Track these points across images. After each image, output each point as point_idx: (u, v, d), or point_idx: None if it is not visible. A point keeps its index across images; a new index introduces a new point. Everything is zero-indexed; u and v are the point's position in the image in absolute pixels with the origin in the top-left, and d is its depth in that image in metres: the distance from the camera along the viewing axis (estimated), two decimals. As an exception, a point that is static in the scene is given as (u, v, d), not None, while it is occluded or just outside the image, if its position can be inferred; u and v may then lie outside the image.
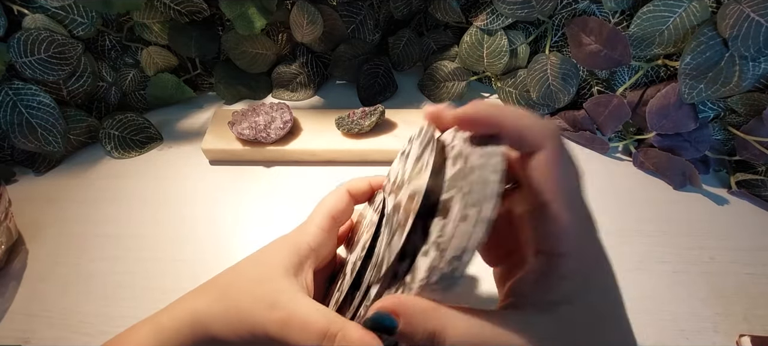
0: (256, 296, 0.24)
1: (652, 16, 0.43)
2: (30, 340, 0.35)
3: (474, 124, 0.21)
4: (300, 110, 0.53)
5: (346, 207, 0.30)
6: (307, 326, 0.22)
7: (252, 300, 0.24)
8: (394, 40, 0.58)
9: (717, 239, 0.42)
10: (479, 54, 0.53)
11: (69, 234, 0.43)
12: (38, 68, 0.45)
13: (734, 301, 0.37)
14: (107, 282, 0.39)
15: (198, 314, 0.25)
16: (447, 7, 0.53)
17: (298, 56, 0.57)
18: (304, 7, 0.49)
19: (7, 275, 0.39)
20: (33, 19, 0.45)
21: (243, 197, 0.46)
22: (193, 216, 0.44)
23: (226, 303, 0.24)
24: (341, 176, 0.48)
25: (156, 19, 0.51)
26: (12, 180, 0.48)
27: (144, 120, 0.52)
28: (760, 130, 0.42)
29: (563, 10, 0.49)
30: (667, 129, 0.45)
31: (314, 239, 0.27)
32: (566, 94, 0.50)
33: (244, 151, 0.48)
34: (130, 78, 0.54)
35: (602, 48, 0.45)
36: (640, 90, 0.47)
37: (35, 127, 0.46)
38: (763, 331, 0.35)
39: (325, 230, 0.28)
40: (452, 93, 0.55)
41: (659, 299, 0.37)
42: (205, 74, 0.58)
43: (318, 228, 0.28)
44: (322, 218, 0.28)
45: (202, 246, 0.42)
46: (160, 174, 0.49)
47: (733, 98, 0.44)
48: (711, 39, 0.40)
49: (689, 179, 0.45)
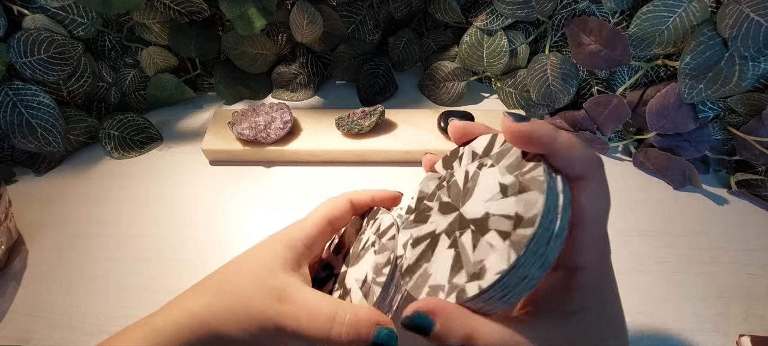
0: (262, 290, 0.24)
1: (652, 16, 0.43)
2: (30, 340, 0.35)
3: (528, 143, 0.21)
4: (300, 110, 0.53)
5: (344, 214, 0.30)
6: (316, 312, 0.24)
7: (258, 294, 0.24)
8: (394, 40, 0.58)
9: (717, 239, 0.42)
10: (479, 54, 0.53)
11: (69, 234, 0.43)
12: (38, 68, 0.45)
13: (734, 301, 0.37)
14: (107, 282, 0.39)
15: (197, 314, 0.24)
16: (447, 7, 0.53)
17: (298, 56, 0.57)
18: (304, 7, 0.49)
19: (7, 275, 0.39)
20: (33, 19, 0.45)
21: (243, 197, 0.46)
22: (193, 216, 0.44)
23: (228, 299, 0.24)
24: (341, 176, 0.48)
25: (156, 20, 0.51)
26: (12, 180, 0.48)
27: (144, 120, 0.52)
28: (760, 130, 0.42)
29: (563, 10, 0.49)
30: (667, 129, 0.45)
31: (311, 239, 0.28)
32: (566, 95, 0.50)
33: (244, 151, 0.48)
34: (130, 78, 0.54)
35: (602, 48, 0.45)
36: (640, 90, 0.47)
37: (35, 128, 0.46)
38: (763, 331, 0.35)
39: (319, 230, 0.28)
40: (452, 93, 0.55)
41: (659, 299, 0.37)
42: (205, 74, 0.58)
43: (313, 227, 0.28)
44: (320, 218, 0.29)
45: (202, 246, 0.42)
46: (160, 174, 0.49)
47: (732, 98, 0.44)
48: (711, 39, 0.40)
49: (689, 179, 0.45)
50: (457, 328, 0.20)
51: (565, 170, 0.21)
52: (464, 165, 0.26)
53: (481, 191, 0.23)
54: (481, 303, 0.20)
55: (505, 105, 0.55)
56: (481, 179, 0.24)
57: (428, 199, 0.27)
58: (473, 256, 0.21)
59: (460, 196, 0.25)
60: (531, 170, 0.21)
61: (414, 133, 0.49)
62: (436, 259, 0.24)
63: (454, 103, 0.55)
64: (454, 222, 0.24)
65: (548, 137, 0.20)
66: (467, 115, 0.49)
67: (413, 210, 0.28)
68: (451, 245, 0.23)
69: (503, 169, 0.23)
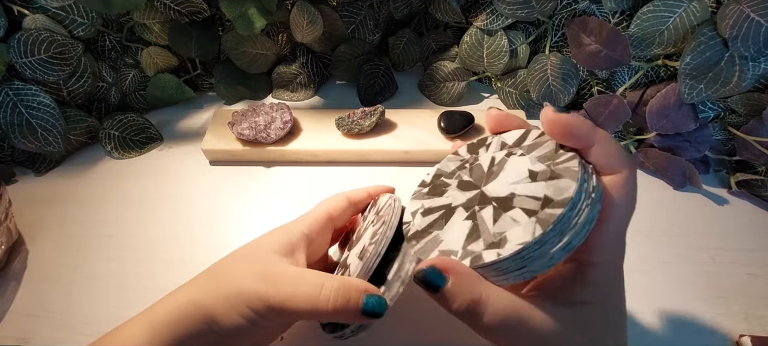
0: (254, 274, 0.25)
1: (652, 16, 0.43)
2: (30, 340, 0.35)
3: (566, 136, 0.22)
4: (300, 110, 0.53)
5: (343, 211, 0.31)
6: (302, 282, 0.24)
7: (251, 279, 0.25)
8: (394, 41, 0.58)
9: (717, 239, 0.42)
10: (479, 54, 0.53)
11: (69, 234, 0.43)
12: (38, 69, 0.45)
13: (734, 301, 0.37)
14: (108, 282, 0.39)
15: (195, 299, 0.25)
16: (447, 7, 0.53)
17: (298, 56, 0.57)
18: (304, 7, 0.49)
19: (7, 275, 0.39)
20: (33, 19, 0.45)
21: (243, 197, 0.46)
22: (193, 216, 0.44)
23: (223, 285, 0.25)
24: (341, 176, 0.48)
25: (156, 20, 0.51)
26: (12, 180, 0.48)
27: (144, 120, 0.52)
28: (760, 130, 0.42)
29: (563, 10, 0.49)
30: (667, 129, 0.45)
31: (307, 226, 0.28)
32: (566, 95, 0.50)
33: (244, 151, 0.48)
34: (130, 78, 0.54)
35: (602, 48, 0.45)
36: (640, 90, 0.47)
37: (35, 128, 0.46)
38: (763, 331, 0.35)
39: (319, 222, 0.29)
40: (452, 93, 0.55)
41: (659, 299, 0.37)
42: (205, 74, 0.58)
43: (313, 218, 0.29)
44: (320, 212, 0.30)
45: (202, 246, 0.42)
46: (160, 174, 0.49)
47: (733, 98, 0.44)
48: (711, 39, 0.40)
49: (689, 179, 0.45)
50: (468, 290, 0.20)
51: (600, 166, 0.21)
52: (491, 152, 0.26)
53: (507, 175, 0.23)
54: (494, 273, 0.21)
55: (505, 105, 0.55)
56: (509, 165, 0.24)
57: (446, 176, 0.27)
58: (493, 228, 0.21)
59: (483, 177, 0.25)
60: (566, 161, 0.21)
61: (414, 133, 0.49)
62: (449, 227, 0.24)
63: (454, 103, 0.55)
64: (473, 198, 0.24)
65: (588, 131, 0.21)
66: (468, 115, 0.49)
67: (427, 184, 0.28)
68: (469, 217, 0.23)
69: (534, 159, 0.23)
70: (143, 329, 0.24)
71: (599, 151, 0.21)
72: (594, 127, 0.21)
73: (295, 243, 0.27)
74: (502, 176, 0.24)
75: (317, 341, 0.34)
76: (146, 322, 0.24)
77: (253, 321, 0.24)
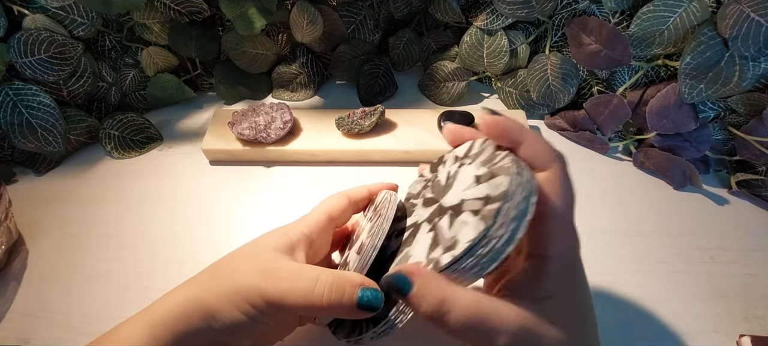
0: (253, 271, 0.25)
1: (652, 16, 0.43)
2: (30, 340, 0.35)
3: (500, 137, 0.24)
4: (300, 110, 0.53)
5: (344, 209, 0.31)
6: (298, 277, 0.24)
7: (250, 275, 0.25)
8: (394, 40, 0.58)
9: (717, 239, 0.42)
10: (479, 54, 0.53)
11: (69, 234, 0.43)
12: (38, 68, 0.45)
13: (734, 301, 0.37)
14: (108, 282, 0.39)
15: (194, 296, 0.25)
16: (447, 7, 0.53)
17: (298, 56, 0.57)
18: (304, 7, 0.49)
19: (7, 275, 0.39)
20: (33, 19, 0.45)
21: (243, 197, 0.46)
22: (193, 216, 0.44)
23: (223, 282, 0.25)
24: (341, 176, 0.48)
25: (156, 19, 0.51)
26: (12, 180, 0.48)
27: (144, 120, 0.52)
28: (760, 130, 0.42)
29: (563, 10, 0.49)
30: (668, 129, 0.45)
31: (307, 227, 0.28)
32: (566, 94, 0.50)
33: (244, 151, 0.48)
34: (130, 78, 0.54)
35: (602, 48, 0.45)
36: (640, 90, 0.47)
37: (35, 128, 0.46)
38: (763, 331, 0.35)
39: (320, 222, 0.29)
40: (452, 93, 0.55)
41: (659, 299, 0.37)
42: (205, 74, 0.58)
43: (313, 219, 0.29)
44: (319, 212, 0.30)
45: (202, 246, 0.42)
46: (160, 174, 0.49)
47: (733, 98, 0.44)
48: (711, 39, 0.40)
49: (689, 179, 0.45)
50: (433, 292, 0.21)
51: (530, 163, 0.23)
52: (448, 167, 0.28)
53: (459, 184, 0.25)
54: (456, 275, 0.22)
55: (505, 105, 0.55)
56: (460, 175, 0.26)
57: (414, 198, 0.30)
58: (448, 233, 0.23)
59: (441, 191, 0.27)
60: (501, 160, 0.23)
61: (414, 133, 0.49)
62: (416, 243, 0.25)
63: (454, 103, 0.55)
64: (434, 211, 0.26)
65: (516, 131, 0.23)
66: (468, 115, 0.49)
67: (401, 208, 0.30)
68: (431, 229, 0.25)
69: (478, 164, 0.25)
70: (142, 328, 0.23)
71: (527, 150, 0.23)
72: (523, 127, 0.23)
73: (295, 243, 0.27)
74: (455, 186, 0.26)
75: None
76: (145, 321, 0.24)
77: (252, 317, 0.24)
